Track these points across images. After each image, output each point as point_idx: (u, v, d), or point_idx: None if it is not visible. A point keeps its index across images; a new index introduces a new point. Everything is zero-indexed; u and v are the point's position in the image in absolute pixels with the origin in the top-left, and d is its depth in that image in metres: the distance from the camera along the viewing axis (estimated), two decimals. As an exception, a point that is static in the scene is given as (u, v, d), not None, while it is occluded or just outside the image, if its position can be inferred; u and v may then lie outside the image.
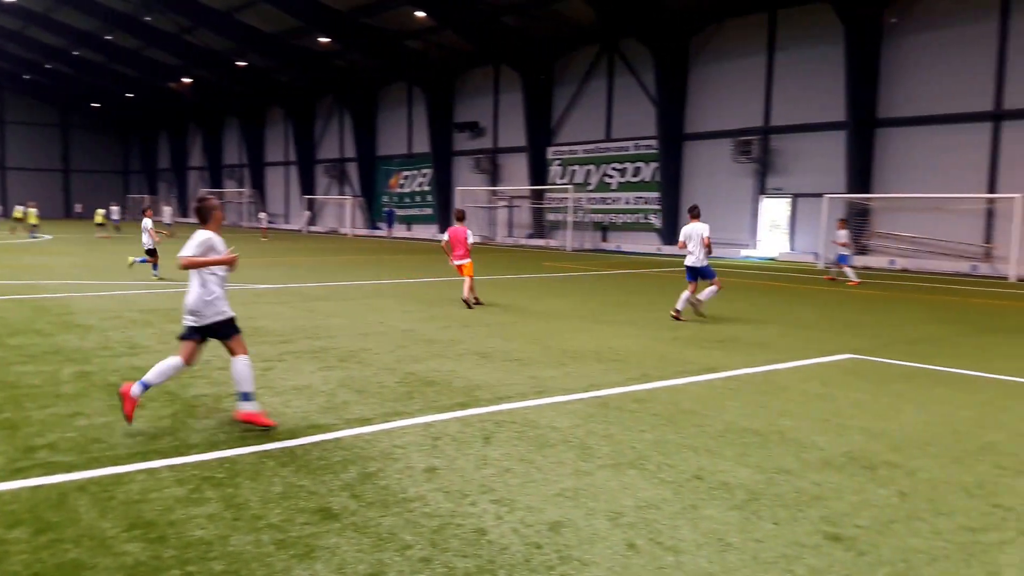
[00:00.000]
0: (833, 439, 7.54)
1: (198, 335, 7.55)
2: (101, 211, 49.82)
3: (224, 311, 7.54)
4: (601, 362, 11.13)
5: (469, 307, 16.65)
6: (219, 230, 7.76)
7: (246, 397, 7.52)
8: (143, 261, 22.84)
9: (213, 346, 11.22)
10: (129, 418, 7.41)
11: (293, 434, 7.38)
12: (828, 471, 6.60)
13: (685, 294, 15.50)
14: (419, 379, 9.76)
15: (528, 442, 7.24)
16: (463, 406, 8.51)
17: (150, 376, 7.43)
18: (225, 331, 7.56)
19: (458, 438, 7.33)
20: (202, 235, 7.50)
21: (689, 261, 15.59)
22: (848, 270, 24.86)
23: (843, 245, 25.04)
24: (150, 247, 22.58)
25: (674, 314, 15.39)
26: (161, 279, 21.96)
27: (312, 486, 6.05)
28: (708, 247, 15.44)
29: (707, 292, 15.63)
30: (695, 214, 16.02)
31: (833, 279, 25.49)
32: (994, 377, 10.60)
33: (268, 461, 6.62)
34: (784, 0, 34.08)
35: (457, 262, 17.44)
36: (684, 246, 15.75)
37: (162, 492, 5.89)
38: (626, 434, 7.56)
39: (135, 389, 7.36)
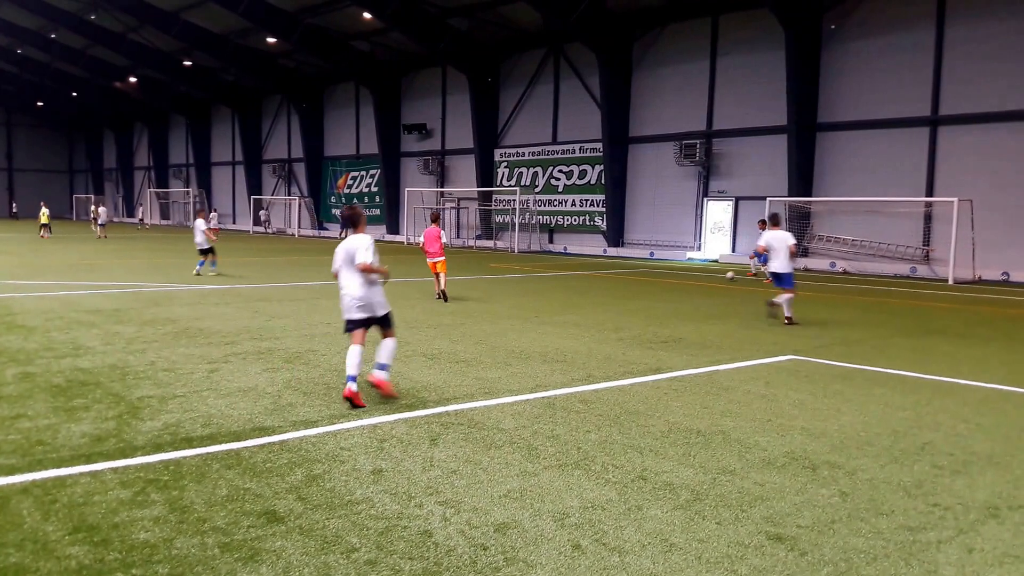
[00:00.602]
0: (775, 439, 7.65)
1: (365, 325, 8.78)
2: (46, 211, 48.63)
3: (386, 305, 8.95)
4: (547, 363, 11.20)
5: (445, 301, 18.07)
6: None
7: (383, 367, 8.77)
8: (202, 264, 23.90)
9: (157, 348, 11.13)
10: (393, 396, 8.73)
11: (238, 436, 7.34)
12: (770, 471, 6.69)
13: (785, 297, 15.68)
14: (365, 381, 9.70)
15: (474, 443, 7.26)
16: (410, 408, 8.51)
17: (386, 358, 8.78)
18: (388, 322, 8.96)
19: (404, 440, 7.33)
20: (368, 240, 8.81)
21: (775, 267, 15.76)
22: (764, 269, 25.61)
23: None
24: (205, 247, 23.59)
25: (787, 320, 15.64)
26: (219, 274, 23.79)
27: (257, 489, 6.02)
28: (793, 254, 15.68)
29: (784, 298, 15.76)
30: (776, 222, 16.30)
31: (754, 275, 26.14)
32: (930, 378, 10.80)
33: (213, 463, 6.58)
34: (726, 5, 34.53)
35: (432, 260, 18.54)
36: (764, 251, 15.97)
37: (106, 495, 5.83)
38: (572, 435, 7.61)
39: (382, 374, 8.67)
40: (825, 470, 6.76)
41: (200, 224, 23.71)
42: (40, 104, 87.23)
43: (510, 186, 44.19)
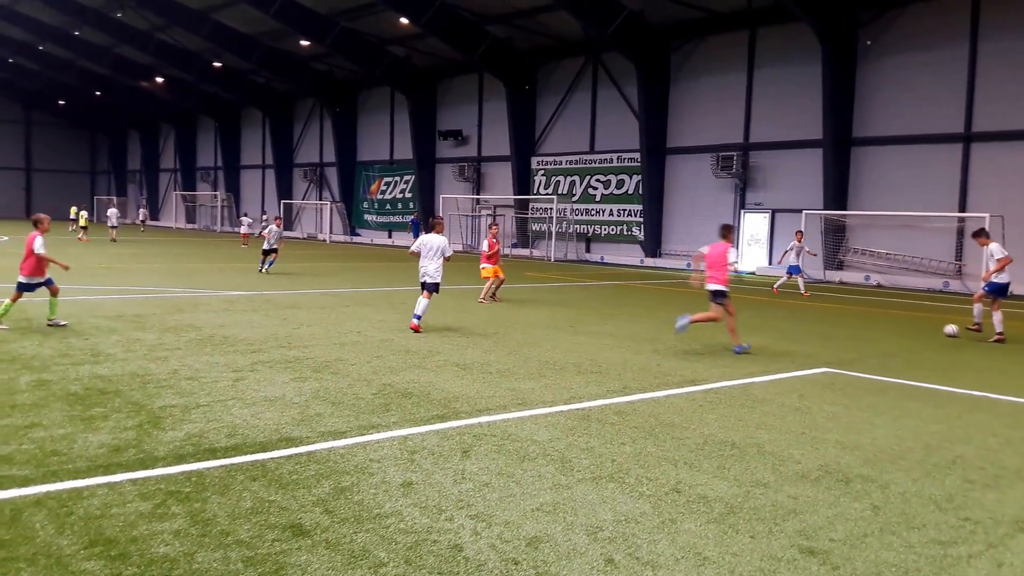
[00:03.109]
0: (809, 452, 7.58)
1: (429, 288, 14.65)
2: (84, 213, 48.77)
3: (439, 279, 14.78)
4: (582, 374, 11.05)
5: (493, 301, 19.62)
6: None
7: (418, 317, 14.37)
8: (270, 264, 26.76)
9: (180, 355, 11.04)
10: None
11: (264, 447, 7.21)
12: (804, 484, 6.62)
13: (996, 314, 15.73)
14: (396, 391, 9.61)
15: (507, 456, 7.13)
16: (441, 419, 8.37)
17: (420, 310, 14.44)
18: (436, 289, 14.77)
19: (436, 452, 7.20)
20: (443, 239, 14.88)
21: (1002, 279, 15.81)
22: (800, 280, 25.36)
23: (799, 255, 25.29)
24: (269, 248, 26.55)
25: (974, 327, 15.90)
26: (268, 273, 25.64)
27: (283, 501, 5.90)
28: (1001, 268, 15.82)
29: (988, 314, 15.95)
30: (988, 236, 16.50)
31: (778, 292, 25.67)
32: (962, 392, 10.75)
33: (237, 475, 6.45)
34: (763, 20, 34.41)
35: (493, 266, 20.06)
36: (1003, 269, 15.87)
37: (124, 507, 5.70)
38: (606, 447, 7.48)
39: (416, 321, 14.38)
40: (858, 483, 6.72)
41: (274, 229, 26.21)
42: (62, 103, 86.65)
43: (547, 194, 44.07)
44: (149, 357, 11.33)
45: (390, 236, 55.54)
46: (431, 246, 14.59)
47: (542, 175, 44.88)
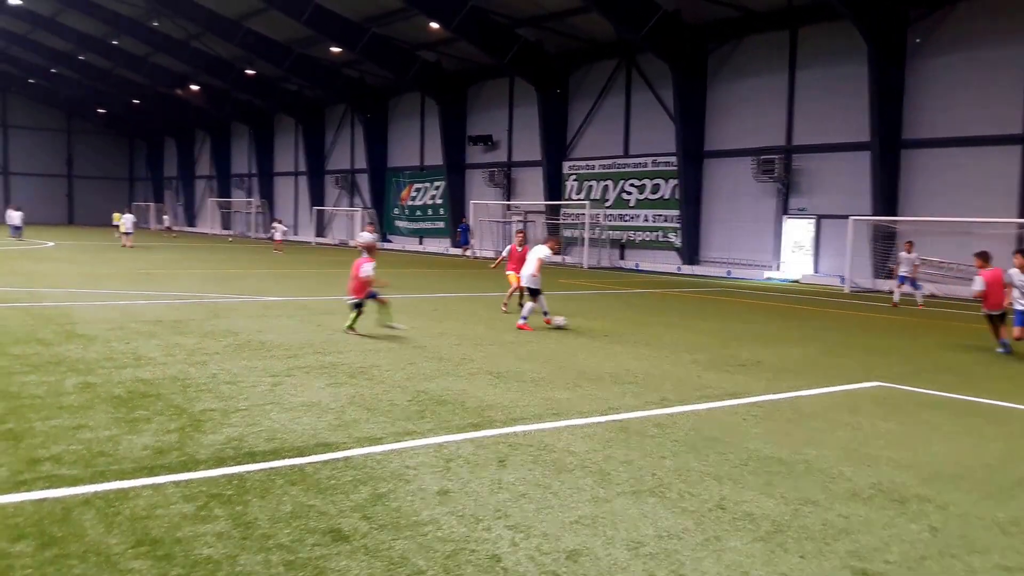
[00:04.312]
0: (861, 470, 7.36)
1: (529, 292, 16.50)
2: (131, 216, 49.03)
3: (539, 284, 16.52)
4: (618, 384, 10.92)
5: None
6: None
7: (524, 318, 16.37)
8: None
9: (218, 360, 11.11)
10: None
11: (302, 452, 7.24)
12: (856, 503, 6.44)
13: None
14: (430, 398, 9.59)
15: (544, 466, 7.07)
16: (476, 427, 8.34)
17: (526, 312, 16.13)
18: (535, 293, 16.44)
19: (472, 460, 7.18)
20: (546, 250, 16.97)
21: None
22: (917, 294, 24.82)
23: (916, 267, 24.83)
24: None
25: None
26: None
27: (322, 506, 5.93)
28: None
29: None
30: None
31: (922, 306, 24.86)
32: (1022, 408, 10.37)
33: (277, 479, 6.49)
34: (805, 18, 33.72)
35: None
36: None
37: (169, 508, 5.79)
38: (646, 460, 7.38)
39: (523, 321, 16.07)
40: (914, 503, 6.50)
41: (368, 236, 25.19)
42: (101, 111, 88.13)
43: (579, 200, 43.82)
44: (189, 361, 11.43)
45: (421, 243, 55.60)
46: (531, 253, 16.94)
47: (574, 180, 44.63)
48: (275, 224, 50.88)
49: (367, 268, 14.94)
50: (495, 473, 6.82)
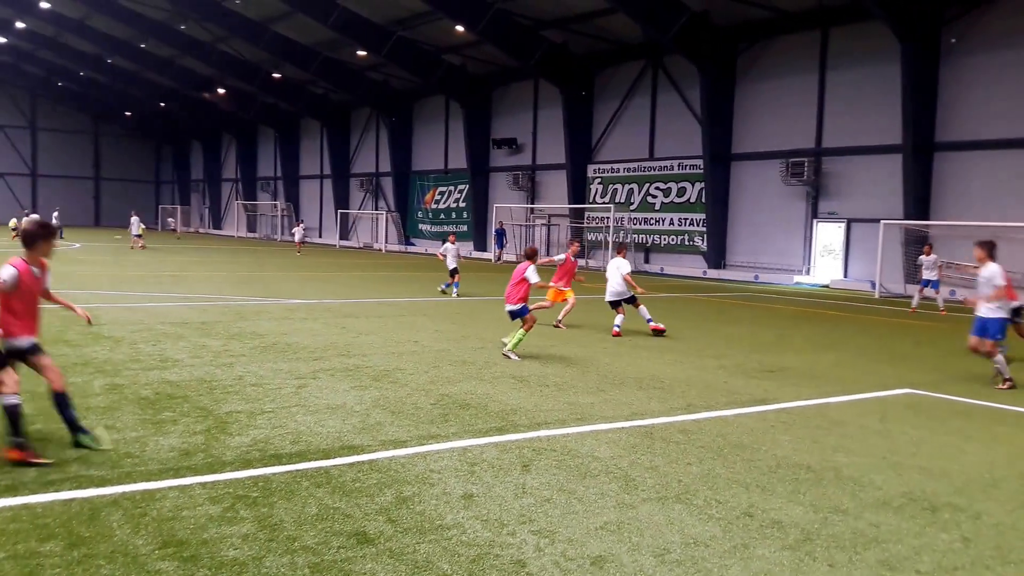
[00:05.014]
0: (891, 478, 7.28)
1: (621, 303, 16.44)
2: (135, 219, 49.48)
3: (626, 294, 16.71)
4: (643, 389, 10.87)
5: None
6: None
7: (649, 320, 16.48)
8: (447, 285, 24.56)
9: (244, 362, 11.14)
10: None
11: (327, 454, 7.26)
12: (886, 512, 6.37)
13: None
14: (454, 401, 9.59)
15: (568, 471, 7.04)
16: (500, 431, 8.32)
17: (647, 314, 16.37)
18: (633, 300, 16.62)
19: (496, 464, 7.16)
20: (624, 263, 17.03)
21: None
22: (938, 297, 24.54)
23: (939, 268, 24.58)
24: (453, 267, 24.42)
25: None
26: (448, 295, 24.00)
27: (347, 508, 5.95)
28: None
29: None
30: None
31: (915, 310, 24.64)
32: (1059, 418, 10.19)
33: (303, 481, 6.51)
34: (837, 18, 33.30)
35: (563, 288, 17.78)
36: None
37: (195, 510, 5.81)
38: (672, 467, 7.33)
39: (653, 324, 16.26)
40: (946, 512, 6.42)
41: (451, 248, 24.72)
42: (128, 114, 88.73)
43: (604, 203, 43.63)
44: (215, 363, 11.50)
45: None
46: (611, 268, 17.12)
47: (599, 183, 44.48)
48: (297, 226, 51.28)
49: (532, 273, 13.49)
50: (519, 478, 6.80)
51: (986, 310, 12.20)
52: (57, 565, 4.86)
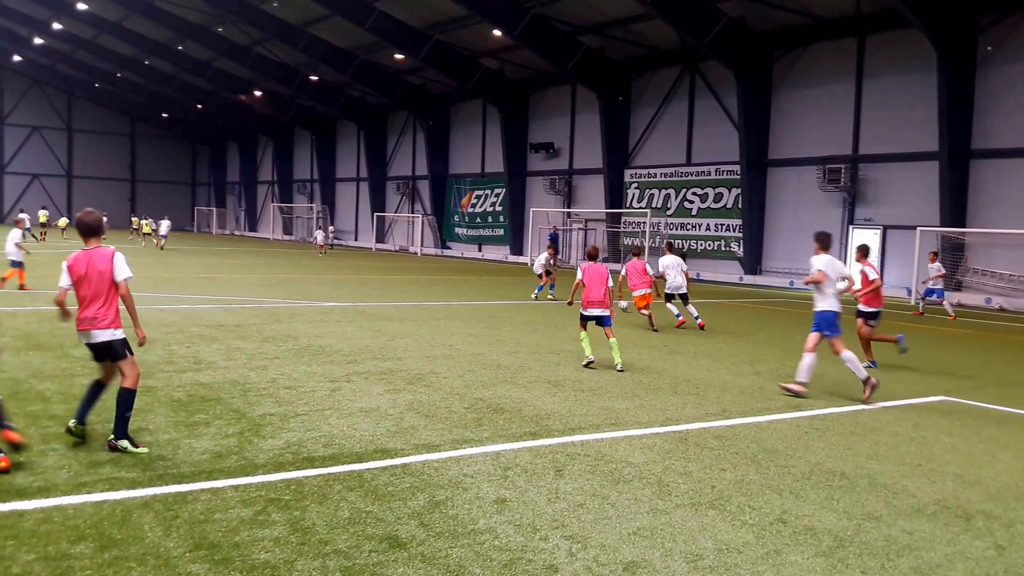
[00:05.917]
0: (925, 485, 7.22)
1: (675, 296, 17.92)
2: (147, 221, 49.90)
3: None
4: (677, 395, 10.83)
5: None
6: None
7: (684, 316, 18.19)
8: (541, 288, 25.19)
9: (278, 365, 11.20)
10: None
11: (360, 458, 7.28)
12: (920, 519, 6.32)
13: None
14: (488, 406, 9.58)
15: (602, 476, 7.02)
16: (534, 436, 8.30)
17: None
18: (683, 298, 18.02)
19: (529, 469, 7.14)
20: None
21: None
22: (947, 304, 24.33)
23: (940, 277, 24.32)
24: (541, 272, 25.05)
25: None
26: (554, 298, 24.48)
27: (379, 512, 5.95)
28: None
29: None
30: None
31: (921, 314, 24.78)
32: (1094, 426, 10.03)
33: (335, 484, 6.52)
34: (874, 25, 33.15)
35: (636, 292, 18.03)
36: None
37: (227, 513, 5.83)
38: (705, 472, 7.29)
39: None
40: (980, 520, 6.36)
41: (545, 257, 25.13)
42: (164, 115, 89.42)
43: (640, 208, 43.56)
44: (249, 366, 11.56)
45: (480, 250, 55.73)
46: (670, 265, 18.64)
47: (635, 188, 44.38)
48: (328, 229, 51.51)
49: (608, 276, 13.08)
50: (552, 482, 6.78)
51: None
52: (88, 567, 4.88)
